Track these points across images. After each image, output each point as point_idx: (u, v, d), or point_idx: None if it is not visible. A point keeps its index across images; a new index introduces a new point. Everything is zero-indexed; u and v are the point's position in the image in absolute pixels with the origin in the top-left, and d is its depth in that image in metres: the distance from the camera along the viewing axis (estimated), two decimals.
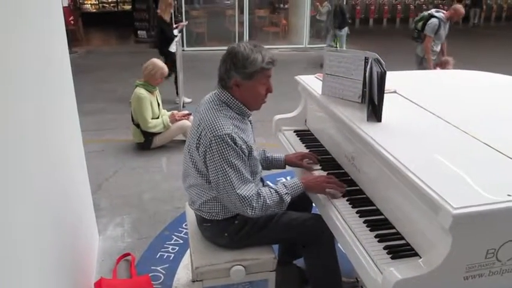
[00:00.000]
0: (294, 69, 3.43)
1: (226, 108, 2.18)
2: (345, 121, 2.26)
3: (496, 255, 1.65)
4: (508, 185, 1.65)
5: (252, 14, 13.21)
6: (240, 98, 2.19)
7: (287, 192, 2.18)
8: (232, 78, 2.13)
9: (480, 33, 18.45)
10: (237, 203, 2.08)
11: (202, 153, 2.12)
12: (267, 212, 2.15)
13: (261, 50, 2.13)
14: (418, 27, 6.51)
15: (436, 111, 2.38)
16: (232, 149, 2.07)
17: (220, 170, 2.07)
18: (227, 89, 2.18)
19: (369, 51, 2.35)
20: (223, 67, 2.15)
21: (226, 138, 2.05)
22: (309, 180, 2.24)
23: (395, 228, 1.92)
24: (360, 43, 13.84)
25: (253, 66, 2.10)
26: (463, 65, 4.67)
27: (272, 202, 2.13)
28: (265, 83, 2.19)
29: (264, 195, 2.12)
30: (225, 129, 2.07)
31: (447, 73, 3.45)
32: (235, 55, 2.10)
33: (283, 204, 2.18)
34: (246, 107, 2.23)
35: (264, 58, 2.11)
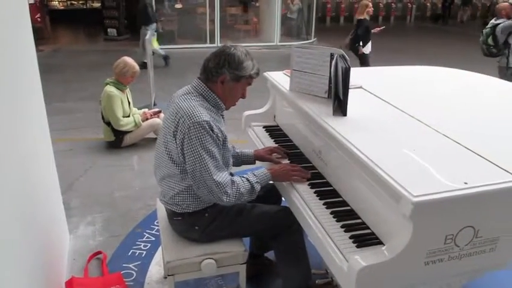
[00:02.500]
0: (265, 67, 3.47)
1: (202, 100, 2.26)
2: (311, 116, 2.32)
3: (454, 241, 1.73)
4: (464, 174, 1.74)
5: (223, 11, 13.20)
6: (218, 93, 2.28)
7: (257, 181, 2.25)
8: (222, 74, 2.23)
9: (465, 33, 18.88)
10: (214, 189, 2.12)
11: (179, 141, 2.17)
12: (239, 200, 2.20)
13: (253, 59, 2.29)
14: (489, 42, 6.26)
15: (400, 105, 2.46)
16: (209, 136, 2.13)
17: (198, 156, 2.12)
18: (210, 82, 2.26)
19: (334, 48, 2.41)
20: (215, 61, 2.23)
21: (204, 125, 2.12)
22: (275, 170, 2.32)
23: (361, 218, 1.99)
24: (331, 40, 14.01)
25: (244, 71, 2.24)
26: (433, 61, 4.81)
27: (245, 190, 2.19)
28: (244, 89, 2.34)
29: (238, 182, 2.19)
30: (203, 116, 2.14)
31: (411, 69, 3.54)
32: (232, 56, 2.22)
33: (254, 192, 2.24)
34: (221, 102, 2.31)
35: (254, 67, 2.28)
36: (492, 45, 6.20)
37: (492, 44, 6.19)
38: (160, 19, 10.33)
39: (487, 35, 6.25)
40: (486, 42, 6.27)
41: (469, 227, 1.74)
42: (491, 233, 1.81)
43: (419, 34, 18.24)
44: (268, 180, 2.30)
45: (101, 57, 9.66)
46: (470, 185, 1.66)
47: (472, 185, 1.66)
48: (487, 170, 1.80)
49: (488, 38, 6.22)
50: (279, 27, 12.97)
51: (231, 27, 13.70)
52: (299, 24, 14.10)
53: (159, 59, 9.08)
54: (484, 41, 6.28)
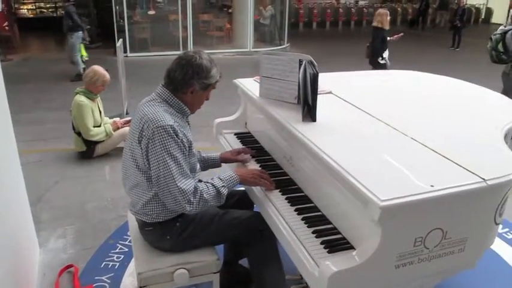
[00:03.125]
0: (238, 73, 3.47)
1: (167, 105, 2.24)
2: (281, 122, 2.33)
3: (423, 243, 1.76)
4: (431, 176, 1.77)
5: (196, 18, 13.17)
6: (185, 101, 2.27)
7: (223, 185, 2.22)
8: (192, 86, 2.22)
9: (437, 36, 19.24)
10: (177, 196, 2.09)
11: (144, 146, 2.14)
12: (205, 207, 2.17)
13: (216, 64, 2.28)
14: (499, 48, 6.06)
15: (369, 109, 2.49)
16: (174, 141, 2.11)
17: (162, 161, 2.09)
18: (178, 92, 2.24)
19: (303, 54, 2.43)
20: (182, 73, 2.21)
21: (168, 129, 2.10)
22: (243, 173, 2.32)
23: (332, 223, 2.00)
24: (304, 46, 14.14)
25: (212, 79, 2.25)
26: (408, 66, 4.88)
27: (209, 196, 2.16)
28: (209, 93, 2.34)
29: (201, 189, 2.15)
30: (167, 121, 2.12)
31: (380, 73, 3.59)
32: (199, 66, 2.20)
33: (221, 197, 2.21)
34: (187, 108, 2.30)
35: (218, 72, 2.28)
36: (502, 52, 6.04)
37: (502, 51, 6.04)
38: (86, 27, 10.03)
39: (496, 41, 6.08)
40: (496, 48, 6.09)
41: (438, 229, 1.76)
42: (459, 234, 1.84)
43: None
44: (235, 184, 2.28)
45: (72, 66, 9.49)
46: (437, 187, 1.69)
47: (438, 187, 1.69)
48: (453, 172, 1.84)
49: (498, 44, 6.06)
50: (252, 33, 13.00)
51: (204, 34, 13.67)
52: (272, 30, 14.16)
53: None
54: (493, 47, 6.11)
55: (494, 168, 1.89)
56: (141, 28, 12.80)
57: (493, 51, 6.01)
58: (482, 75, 11.55)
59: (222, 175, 2.29)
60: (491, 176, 1.80)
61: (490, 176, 1.80)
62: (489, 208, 1.91)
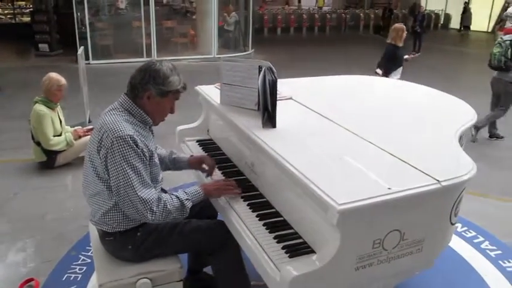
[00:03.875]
0: (203, 80, 3.45)
1: (128, 115, 2.22)
2: (241, 129, 2.34)
3: (382, 245, 1.80)
4: (388, 179, 1.81)
5: (159, 25, 13.07)
6: (145, 109, 2.25)
7: (188, 198, 2.21)
8: (148, 90, 2.20)
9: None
10: (138, 205, 2.07)
11: (103, 156, 2.11)
12: (168, 218, 2.16)
13: (179, 73, 2.27)
14: (508, 55, 6.17)
15: (328, 114, 2.53)
16: (133, 150, 2.09)
17: (121, 171, 2.07)
18: (137, 97, 2.23)
19: (263, 60, 2.44)
20: (140, 77, 2.21)
21: (127, 139, 2.08)
22: (208, 186, 2.31)
23: (293, 228, 2.02)
24: (269, 51, 14.23)
25: (170, 86, 2.22)
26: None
27: (173, 207, 2.15)
28: (172, 104, 2.31)
29: (165, 200, 2.14)
30: (127, 130, 2.10)
31: (341, 78, 3.65)
32: (158, 71, 2.19)
33: (185, 209, 2.20)
34: (149, 118, 2.28)
35: (180, 82, 2.26)
36: (510, 59, 6.16)
37: (510, 58, 6.16)
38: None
39: (507, 48, 6.19)
40: (505, 54, 6.19)
41: (396, 231, 1.81)
42: (416, 234, 1.89)
43: (356, 43, 18.87)
44: (200, 198, 2.27)
45: (33, 74, 9.24)
46: (394, 190, 1.73)
47: (395, 190, 1.73)
48: (409, 175, 1.89)
49: (507, 50, 6.16)
50: (216, 40, 12.99)
51: (168, 41, 13.58)
52: (236, 36, 14.20)
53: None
54: (502, 52, 6.18)
55: (449, 170, 1.95)
56: (103, 35, 12.62)
57: (502, 56, 6.10)
58: (443, 77, 11.95)
59: (188, 188, 2.28)
60: (445, 178, 1.86)
61: (444, 177, 1.86)
62: (444, 209, 1.97)
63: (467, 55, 17.64)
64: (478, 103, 8.21)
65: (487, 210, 4.45)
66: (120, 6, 13.62)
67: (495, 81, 6.41)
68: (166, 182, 2.60)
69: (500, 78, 6.31)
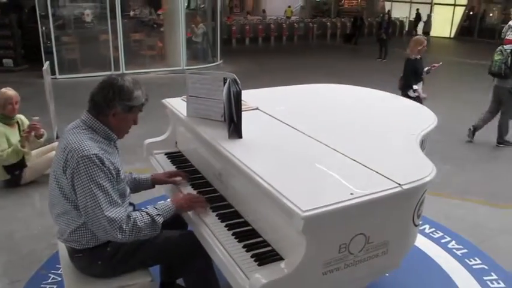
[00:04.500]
0: (172, 92, 3.43)
1: (92, 133, 2.21)
2: (208, 140, 2.37)
3: (348, 249, 1.84)
4: (351, 184, 1.86)
5: (127, 38, 12.98)
6: (110, 125, 2.23)
7: (158, 214, 2.20)
8: (114, 108, 2.19)
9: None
10: (106, 226, 2.06)
11: (69, 176, 2.09)
12: (139, 235, 2.15)
13: (141, 87, 2.27)
14: (509, 62, 6.42)
15: (293, 123, 2.58)
16: (100, 170, 2.07)
17: (88, 191, 2.05)
18: (102, 115, 2.21)
19: (227, 72, 2.48)
20: (103, 94, 2.18)
21: (93, 158, 2.06)
22: (178, 200, 2.31)
23: (262, 237, 2.05)
24: (238, 62, 14.31)
25: (136, 101, 2.22)
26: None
27: (143, 224, 2.14)
28: (135, 116, 2.31)
29: (135, 217, 2.13)
30: (92, 149, 2.09)
31: (308, 87, 3.72)
32: (121, 88, 2.18)
33: (156, 225, 2.19)
34: (114, 133, 2.27)
35: (143, 94, 2.26)
36: (509, 67, 6.40)
37: (509, 66, 6.40)
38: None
39: (507, 56, 6.44)
40: (506, 62, 6.43)
41: (361, 235, 1.86)
42: (381, 237, 1.94)
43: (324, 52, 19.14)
44: (171, 212, 2.26)
45: None
46: (356, 195, 1.78)
47: (357, 195, 1.78)
48: (372, 179, 1.94)
49: (508, 58, 6.41)
50: (184, 52, 12.97)
51: (136, 53, 13.49)
52: (205, 48, 14.23)
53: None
54: (503, 60, 6.43)
55: (410, 173, 2.02)
56: (70, 49, 12.44)
57: (502, 64, 6.37)
58: None
59: (158, 203, 2.27)
60: (406, 181, 1.93)
61: (405, 181, 1.92)
62: (407, 211, 2.03)
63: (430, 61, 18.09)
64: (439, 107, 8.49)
65: (453, 211, 4.58)
66: (87, 19, 13.46)
67: (496, 88, 6.70)
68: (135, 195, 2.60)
69: (501, 86, 6.59)
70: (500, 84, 6.60)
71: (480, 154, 6.48)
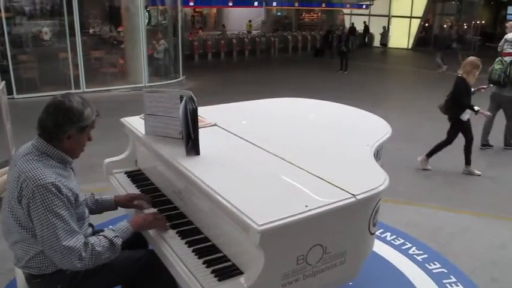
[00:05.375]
0: (134, 109, 3.39)
1: (46, 158, 2.15)
2: (166, 158, 2.38)
3: (306, 260, 1.88)
4: (306, 197, 1.91)
5: (87, 55, 12.82)
6: (64, 148, 2.18)
7: (116, 235, 2.18)
8: (67, 132, 2.13)
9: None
10: (64, 255, 2.01)
11: (25, 206, 2.04)
12: (99, 261, 2.12)
13: (89, 104, 2.21)
14: (508, 72, 6.79)
15: (251, 138, 2.63)
16: (57, 198, 2.02)
17: (46, 221, 2.00)
18: (55, 140, 2.15)
19: (184, 90, 2.51)
20: (52, 119, 2.12)
21: (49, 187, 2.01)
22: (136, 220, 2.29)
23: (222, 252, 2.06)
24: (200, 77, 14.33)
25: (87, 120, 2.17)
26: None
27: (102, 248, 2.11)
28: (89, 134, 2.27)
29: (92, 243, 2.10)
30: (48, 178, 2.03)
31: (265, 102, 3.79)
32: (70, 110, 2.11)
33: (115, 248, 2.17)
34: (68, 156, 2.23)
35: (93, 111, 2.21)
36: (508, 76, 6.79)
37: (508, 75, 6.79)
38: None
39: (507, 66, 6.84)
40: (505, 71, 6.82)
41: (318, 246, 1.90)
42: (338, 247, 1.99)
43: (286, 65, 19.38)
44: (130, 233, 2.24)
45: None
46: (311, 207, 1.82)
47: (312, 206, 1.83)
48: (326, 191, 2.00)
49: (508, 68, 6.81)
50: (146, 68, 12.89)
51: (96, 71, 13.32)
52: (167, 64, 14.19)
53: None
54: (503, 69, 6.83)
55: (363, 183, 2.08)
56: (28, 68, 12.17)
57: (502, 73, 6.75)
58: (370, 92, 12.53)
59: (115, 225, 2.25)
60: (360, 191, 1.98)
61: (359, 191, 1.98)
62: (362, 220, 2.09)
63: (389, 71, 18.66)
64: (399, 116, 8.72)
65: (413, 218, 4.71)
66: (45, 37, 13.25)
67: (495, 95, 7.08)
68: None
69: (500, 93, 6.99)
70: (498, 92, 7.01)
71: (438, 161, 6.68)
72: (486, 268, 3.78)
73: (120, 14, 13.77)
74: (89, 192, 2.60)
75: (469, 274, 3.65)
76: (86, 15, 14.53)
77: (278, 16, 32.16)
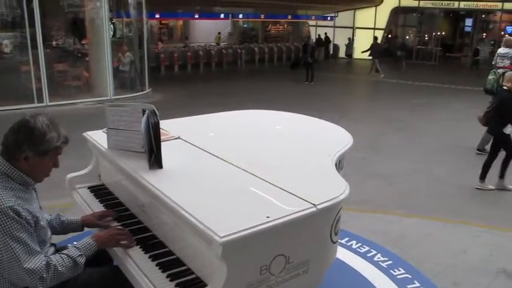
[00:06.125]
0: (99, 123, 3.32)
1: (7, 180, 2.09)
2: (129, 172, 2.38)
3: (269, 270, 1.91)
4: (267, 208, 1.94)
5: (50, 68, 12.57)
6: (24, 170, 2.13)
7: (80, 254, 2.14)
8: (24, 152, 2.07)
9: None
10: (25, 278, 1.97)
11: None
12: (61, 280, 2.08)
13: (57, 128, 2.15)
14: (500, 82, 7.07)
15: (213, 151, 2.65)
16: (16, 222, 1.97)
17: (4, 246, 1.95)
18: (13, 159, 2.10)
19: (146, 103, 2.51)
20: (13, 138, 2.07)
21: (8, 212, 1.96)
22: (100, 236, 2.26)
23: (186, 265, 2.07)
24: (167, 90, 14.25)
25: (49, 144, 2.10)
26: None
27: (65, 268, 2.07)
28: (54, 160, 2.20)
29: (55, 263, 2.05)
30: (6, 202, 1.98)
31: (229, 114, 3.82)
32: (32, 131, 2.06)
33: (78, 267, 2.13)
34: (30, 178, 2.17)
35: (60, 137, 2.14)
36: (501, 86, 6.88)
37: (501, 85, 6.93)
38: None
39: (499, 76, 7.30)
40: (498, 81, 7.29)
41: (280, 256, 1.93)
42: (301, 257, 2.02)
43: (255, 77, 19.50)
44: (94, 250, 2.21)
45: None
46: (272, 217, 1.85)
47: (274, 217, 1.86)
48: (287, 201, 2.03)
49: (500, 78, 7.21)
50: (111, 81, 12.74)
51: (60, 84, 13.06)
52: (132, 76, 14.07)
53: None
54: (496, 79, 7.40)
55: (324, 193, 2.12)
56: None
57: (495, 83, 7.28)
58: (335, 103, 12.76)
59: (78, 243, 2.21)
60: (320, 201, 2.03)
61: (319, 200, 2.02)
62: (324, 230, 2.13)
63: (354, 81, 19.06)
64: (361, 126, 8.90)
65: (379, 225, 4.81)
66: (5, 50, 12.95)
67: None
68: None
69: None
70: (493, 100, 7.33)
71: (402, 169, 6.86)
72: (448, 272, 3.89)
73: (84, 26, 13.59)
74: (54, 209, 2.55)
75: (432, 278, 3.75)
76: (48, 27, 14.25)
77: (245, 28, 32.39)
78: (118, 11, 14.31)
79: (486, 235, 4.64)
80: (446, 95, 14.45)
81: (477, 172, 6.05)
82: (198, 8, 22.15)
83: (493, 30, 26.78)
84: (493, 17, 26.42)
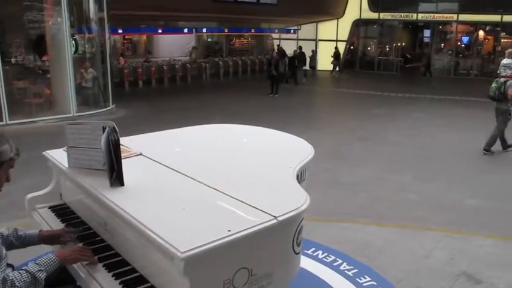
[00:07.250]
0: (62, 142, 3.24)
1: None
2: (89, 190, 2.36)
3: (232, 284, 1.92)
4: (228, 221, 1.96)
5: (9, 85, 12.27)
6: None
7: (40, 269, 2.10)
8: None
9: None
10: None
11: None
12: None
13: (9, 140, 2.13)
14: (502, 90, 8.04)
15: (175, 166, 2.65)
16: None
17: None
18: None
19: (106, 120, 2.50)
20: None
21: None
22: (62, 253, 2.23)
23: (150, 282, 2.06)
24: (131, 105, 14.12)
25: (2, 157, 2.08)
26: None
27: (23, 283, 2.03)
28: (6, 173, 2.18)
29: (12, 278, 2.02)
30: None
31: (193, 129, 3.83)
32: None
33: (38, 282, 2.09)
34: None
35: (12, 149, 2.12)
36: (502, 93, 8.03)
37: (502, 92, 8.03)
38: None
39: (501, 84, 8.05)
40: (499, 89, 8.06)
41: (243, 269, 1.94)
42: (264, 269, 2.04)
43: (220, 90, 19.54)
44: (55, 267, 2.17)
45: None
46: (234, 231, 1.87)
47: (235, 231, 1.88)
48: (248, 214, 2.06)
49: (501, 86, 8.02)
50: (74, 98, 12.52)
51: (21, 102, 12.75)
52: (96, 93, 13.87)
53: None
54: (498, 87, 8.11)
55: (284, 205, 2.15)
56: None
57: (496, 90, 8.13)
58: (300, 114, 12.91)
59: (40, 259, 2.17)
60: (281, 213, 2.06)
61: (280, 212, 2.06)
62: (286, 241, 2.16)
63: (318, 93, 19.36)
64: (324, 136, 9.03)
65: (344, 234, 4.89)
66: None
67: (495, 109, 8.38)
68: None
69: (497, 107, 8.30)
70: (498, 106, 8.31)
71: (366, 179, 6.99)
72: (411, 278, 3.98)
73: (45, 42, 13.34)
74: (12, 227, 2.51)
75: (397, 284, 3.84)
76: (7, 44, 13.94)
77: (209, 42, 32.47)
78: (80, 27, 14.10)
79: (447, 239, 4.78)
80: (406, 104, 14.86)
81: (440, 178, 6.28)
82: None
83: (450, 40, 27.76)
84: (450, 28, 27.38)
